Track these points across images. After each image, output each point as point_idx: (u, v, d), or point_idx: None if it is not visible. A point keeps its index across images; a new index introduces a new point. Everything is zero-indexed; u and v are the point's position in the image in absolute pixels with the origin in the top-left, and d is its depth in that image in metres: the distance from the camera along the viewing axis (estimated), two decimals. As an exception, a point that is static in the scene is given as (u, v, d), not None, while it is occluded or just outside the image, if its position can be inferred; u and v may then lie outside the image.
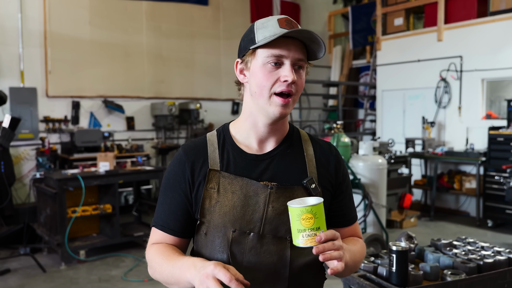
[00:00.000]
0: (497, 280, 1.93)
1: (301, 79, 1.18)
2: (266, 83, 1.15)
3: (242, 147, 1.24)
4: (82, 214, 4.94)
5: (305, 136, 1.32)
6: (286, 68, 1.14)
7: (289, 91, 1.15)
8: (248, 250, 1.17)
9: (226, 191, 1.19)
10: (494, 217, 6.21)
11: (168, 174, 1.27)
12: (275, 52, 1.14)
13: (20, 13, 6.64)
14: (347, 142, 5.19)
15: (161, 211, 1.26)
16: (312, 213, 1.03)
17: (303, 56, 1.17)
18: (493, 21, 6.74)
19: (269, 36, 1.13)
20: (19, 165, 6.58)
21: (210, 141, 1.26)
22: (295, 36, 1.15)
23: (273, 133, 1.24)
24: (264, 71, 1.15)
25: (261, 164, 1.22)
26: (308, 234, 1.03)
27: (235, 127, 1.28)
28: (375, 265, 2.00)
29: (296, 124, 8.96)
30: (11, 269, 4.62)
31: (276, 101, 1.15)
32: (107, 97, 7.48)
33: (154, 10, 8.05)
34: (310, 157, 1.27)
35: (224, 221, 1.17)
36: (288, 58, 1.14)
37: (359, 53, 10.16)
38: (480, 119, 6.95)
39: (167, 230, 1.24)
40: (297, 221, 1.04)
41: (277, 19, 1.17)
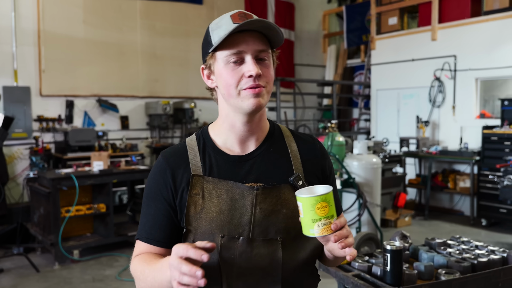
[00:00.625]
0: (491, 279, 1.94)
1: (267, 69, 1.13)
2: (232, 82, 1.11)
3: (224, 149, 1.20)
4: (76, 213, 4.91)
5: (286, 132, 1.28)
6: (248, 63, 1.10)
7: (257, 85, 1.10)
8: (238, 255, 1.13)
9: (211, 196, 1.15)
10: (488, 216, 6.25)
11: (149, 184, 1.22)
12: (233, 50, 1.10)
13: (14, 12, 6.59)
14: (341, 142, 5.19)
15: (145, 223, 1.21)
16: (326, 201, 1.01)
17: (264, 46, 1.13)
18: (486, 21, 6.78)
19: (224, 35, 1.09)
20: (12, 165, 6.53)
21: (190, 146, 1.21)
22: (250, 28, 1.10)
23: (253, 132, 1.20)
24: (227, 71, 1.12)
25: (245, 165, 1.18)
26: (323, 223, 1.02)
27: (214, 130, 1.24)
28: (370, 264, 2.01)
29: (290, 123, 8.98)
30: (4, 269, 4.59)
31: (246, 94, 1.11)
32: (101, 96, 7.44)
33: (149, 8, 8.02)
34: (294, 153, 1.23)
35: (211, 227, 1.13)
36: (248, 52, 1.10)
37: (353, 53, 10.19)
38: (474, 118, 6.98)
39: (152, 241, 1.19)
40: (311, 211, 1.02)
41: (230, 15, 1.13)
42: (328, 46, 10.40)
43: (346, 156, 5.22)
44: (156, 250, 1.20)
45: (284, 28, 9.98)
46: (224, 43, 1.10)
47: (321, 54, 10.61)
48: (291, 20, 10.18)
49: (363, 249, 4.40)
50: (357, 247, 4.31)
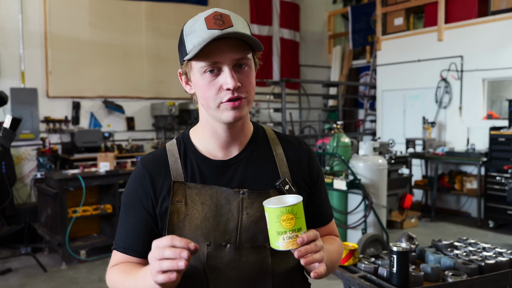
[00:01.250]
0: (498, 282, 1.93)
1: (247, 78, 1.06)
2: (209, 93, 1.05)
3: (206, 154, 1.14)
4: (83, 214, 4.94)
5: (271, 134, 1.22)
6: (226, 74, 1.03)
7: (237, 97, 1.04)
8: (226, 264, 1.08)
9: (195, 202, 1.09)
10: (496, 218, 6.20)
11: (128, 191, 1.16)
12: (208, 61, 1.03)
13: (21, 14, 6.65)
14: (347, 143, 5.18)
15: (122, 232, 1.15)
16: (293, 213, 0.94)
17: (243, 52, 1.04)
18: (493, 21, 6.74)
19: (198, 43, 1.01)
20: (20, 165, 6.58)
21: (170, 151, 1.16)
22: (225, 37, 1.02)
23: (235, 136, 1.14)
24: (204, 82, 1.05)
25: (228, 171, 1.13)
26: (289, 236, 0.95)
27: (195, 134, 1.18)
28: (376, 266, 2.00)
29: (296, 124, 8.97)
30: (12, 269, 4.63)
31: (225, 107, 1.05)
32: (107, 97, 7.48)
33: (153, 10, 8.05)
34: (280, 156, 1.17)
35: (196, 235, 1.07)
36: (225, 62, 1.03)
37: (359, 53, 10.16)
38: (481, 119, 6.94)
39: (129, 251, 1.13)
40: (276, 222, 0.95)
41: (205, 17, 1.04)
42: (334, 47, 10.39)
43: (351, 157, 5.20)
44: (133, 260, 1.14)
45: (289, 29, 9.98)
46: (199, 53, 1.02)
47: (326, 55, 10.60)
48: (296, 21, 10.18)
49: (369, 251, 4.39)
50: (363, 249, 4.30)
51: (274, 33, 9.74)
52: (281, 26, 9.82)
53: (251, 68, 1.08)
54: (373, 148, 5.30)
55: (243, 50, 1.05)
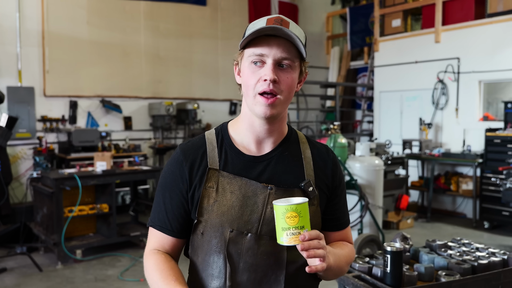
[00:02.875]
0: (491, 281, 1.94)
1: (287, 78, 1.15)
2: (250, 82, 1.15)
3: (240, 148, 1.23)
4: (79, 213, 4.93)
5: (303, 138, 1.31)
6: (267, 67, 1.13)
7: (271, 90, 1.13)
8: (245, 251, 1.16)
9: (225, 190, 1.18)
10: (491, 219, 6.23)
11: (165, 174, 1.25)
12: (256, 51, 1.13)
13: (18, 13, 6.63)
14: (344, 143, 5.20)
15: (158, 211, 1.25)
16: (296, 211, 1.03)
17: (289, 54, 1.14)
18: (490, 23, 6.77)
19: (249, 34, 1.13)
20: (16, 164, 6.56)
21: (209, 140, 1.25)
22: (277, 34, 1.13)
23: (271, 134, 1.22)
24: (249, 70, 1.15)
25: (259, 166, 1.21)
26: (292, 232, 1.04)
27: (234, 127, 1.27)
28: (370, 265, 2.01)
29: (293, 125, 8.98)
30: (8, 268, 4.62)
31: (259, 100, 1.14)
32: (105, 96, 7.47)
33: (152, 10, 8.05)
34: (307, 159, 1.26)
35: (221, 220, 1.17)
36: (269, 56, 1.13)
37: (357, 54, 10.18)
38: (477, 121, 6.97)
39: (165, 230, 1.23)
40: (281, 219, 1.04)
41: (268, 18, 1.16)
42: (332, 48, 10.40)
43: (348, 158, 5.22)
44: (167, 239, 1.24)
45: (287, 30, 9.96)
46: (252, 43, 1.14)
47: (325, 55, 10.61)
48: (295, 21, 10.17)
49: (364, 251, 4.40)
50: (359, 249, 4.32)
51: (272, 33, 9.73)
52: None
53: (294, 71, 1.17)
54: (370, 149, 5.32)
55: (290, 53, 1.15)
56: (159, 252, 1.23)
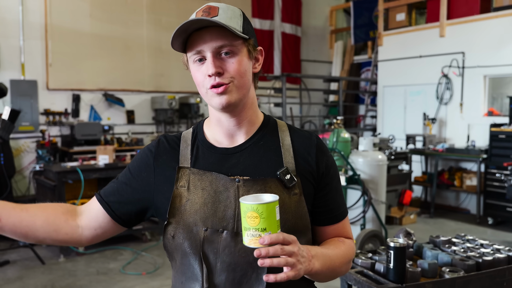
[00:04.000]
0: (495, 278, 1.92)
1: (232, 64, 1.08)
2: (199, 81, 1.12)
3: (212, 141, 1.19)
4: (81, 207, 4.94)
5: (283, 126, 1.23)
6: (207, 62, 1.08)
7: (218, 83, 1.08)
8: (221, 250, 1.09)
9: (196, 188, 1.13)
10: (495, 215, 6.20)
11: (138, 156, 1.23)
12: (193, 51, 1.10)
13: (21, 6, 6.61)
14: (347, 138, 5.17)
15: (110, 186, 1.22)
16: (257, 212, 0.93)
17: (225, 40, 1.07)
18: (496, 17, 6.70)
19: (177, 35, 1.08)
20: (19, 158, 6.57)
21: (184, 138, 1.22)
22: (201, 26, 1.07)
23: (240, 124, 1.17)
24: (194, 71, 1.13)
25: (232, 158, 1.16)
26: (252, 234, 0.94)
27: (207, 123, 1.24)
28: (373, 261, 1.99)
29: (296, 119, 8.96)
30: (10, 261, 4.64)
31: (211, 94, 1.10)
32: (108, 90, 7.46)
33: (155, 3, 8.01)
34: (286, 146, 1.17)
35: (195, 219, 1.10)
36: (206, 50, 1.08)
37: (360, 49, 10.12)
38: (481, 116, 6.92)
39: (103, 203, 1.19)
40: (243, 218, 0.95)
41: (196, 12, 1.11)
42: (335, 42, 10.34)
43: (351, 153, 5.19)
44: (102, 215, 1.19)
45: (290, 24, 9.93)
46: (188, 44, 1.11)
47: (328, 50, 10.56)
48: (298, 16, 10.13)
49: (367, 246, 4.39)
50: (362, 244, 4.30)
51: (275, 27, 9.69)
52: (282, 21, 9.77)
53: (238, 54, 1.10)
54: (373, 144, 5.29)
55: (226, 38, 1.08)
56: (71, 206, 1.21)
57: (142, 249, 5.00)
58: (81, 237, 1.19)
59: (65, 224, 1.17)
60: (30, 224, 1.14)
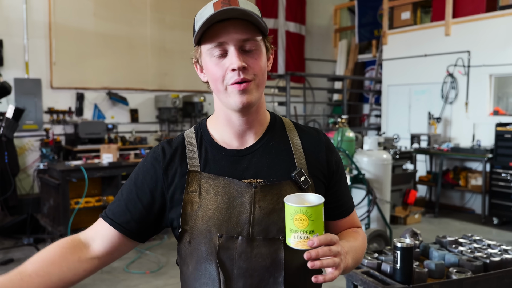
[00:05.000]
0: (503, 279, 1.90)
1: (255, 60, 1.04)
2: (217, 76, 1.04)
3: (221, 143, 1.13)
4: (85, 205, 4.94)
5: (289, 124, 1.20)
6: (231, 55, 1.02)
7: (243, 79, 1.02)
8: (238, 256, 1.06)
9: (208, 193, 1.08)
10: (500, 215, 6.16)
11: (139, 169, 1.15)
12: (214, 42, 1.03)
13: (25, 4, 6.62)
14: (351, 137, 5.14)
15: (117, 205, 1.13)
16: (307, 214, 0.92)
17: (249, 34, 1.03)
18: (502, 16, 6.65)
19: (200, 26, 1.02)
20: (23, 156, 6.58)
21: (188, 140, 1.15)
22: (230, 16, 1.01)
23: (251, 125, 1.12)
24: (212, 65, 1.05)
25: (243, 160, 1.11)
26: (300, 236, 0.93)
27: (212, 123, 1.17)
28: (379, 261, 1.97)
29: (300, 118, 8.93)
30: (15, 259, 4.64)
31: (232, 90, 1.04)
32: (111, 89, 7.46)
33: (159, 2, 8.01)
34: (297, 147, 1.15)
35: (208, 226, 1.06)
36: (230, 43, 1.02)
37: (365, 47, 10.08)
38: (487, 115, 6.87)
39: (114, 224, 1.11)
40: (290, 220, 0.94)
41: (213, 3, 1.03)
42: (339, 41, 10.30)
43: (356, 152, 5.17)
44: (115, 234, 1.12)
45: (295, 22, 9.90)
46: (206, 36, 1.03)
47: (332, 48, 10.52)
48: (302, 14, 10.09)
49: (372, 246, 4.36)
50: (366, 244, 4.27)
51: (279, 26, 9.67)
52: (286, 19, 9.74)
53: (260, 50, 1.06)
54: (378, 143, 5.26)
55: (250, 32, 1.03)
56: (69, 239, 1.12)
57: (146, 248, 5.00)
58: (98, 266, 1.14)
59: (80, 264, 1.10)
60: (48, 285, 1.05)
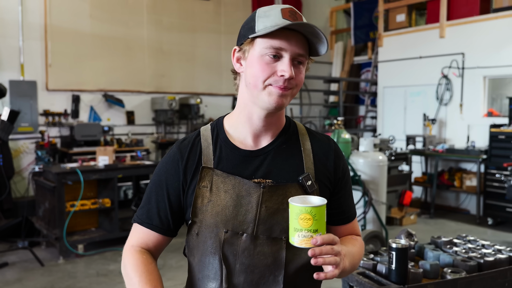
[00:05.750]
0: (497, 279, 1.91)
1: (300, 74, 1.12)
2: (262, 74, 1.09)
3: (236, 143, 1.19)
4: (81, 208, 4.92)
5: (302, 129, 1.26)
6: (285, 62, 1.08)
7: (285, 87, 1.10)
8: (241, 252, 1.12)
9: (219, 190, 1.14)
10: (495, 215, 6.20)
11: (160, 171, 1.22)
12: (274, 44, 1.08)
13: (21, 6, 6.60)
14: (347, 139, 5.16)
15: (148, 209, 1.21)
16: (311, 214, 0.98)
17: (304, 51, 1.11)
18: (496, 18, 6.70)
19: (270, 26, 1.07)
20: (18, 159, 6.56)
21: (204, 136, 1.21)
22: (297, 29, 1.09)
23: (269, 127, 1.18)
24: (261, 62, 1.09)
25: (255, 161, 1.17)
26: (304, 234, 0.99)
27: (229, 121, 1.22)
28: (375, 262, 1.99)
29: (296, 120, 8.94)
30: (9, 263, 4.62)
31: (272, 90, 1.10)
32: (108, 91, 7.45)
33: (155, 3, 8.01)
34: (307, 152, 1.21)
35: (216, 221, 1.13)
36: (288, 51, 1.08)
37: (360, 50, 10.11)
38: (481, 117, 6.92)
39: (154, 228, 1.20)
40: (295, 219, 1.00)
41: (281, 8, 1.10)
42: (335, 43, 10.34)
43: (352, 153, 5.19)
44: (152, 235, 1.20)
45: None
46: (266, 35, 1.09)
47: (328, 50, 10.54)
48: (298, 17, 10.11)
49: (368, 247, 4.38)
50: (362, 245, 4.29)
51: (275, 28, 9.68)
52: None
53: (304, 67, 1.14)
54: (374, 145, 5.28)
55: (305, 49, 1.12)
56: (141, 251, 1.20)
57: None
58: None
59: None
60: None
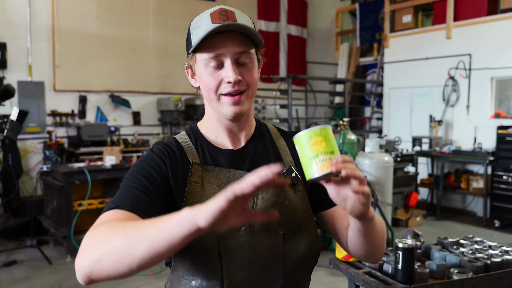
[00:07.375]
0: (504, 280, 1.91)
1: (249, 73, 1.09)
2: (211, 86, 1.08)
3: (216, 144, 1.18)
4: (88, 207, 4.96)
5: (273, 129, 1.28)
6: (227, 68, 1.06)
7: (236, 90, 1.07)
8: (240, 246, 1.08)
9: (211, 184, 1.11)
10: (502, 218, 6.16)
11: (141, 164, 1.10)
12: (211, 54, 1.06)
13: (29, 8, 6.67)
14: (353, 140, 5.16)
15: (127, 195, 1.03)
16: (322, 135, 0.93)
17: (245, 46, 1.07)
18: (503, 19, 6.67)
19: (202, 36, 1.04)
20: (26, 158, 6.62)
21: (182, 140, 1.18)
22: (228, 29, 1.05)
23: (242, 127, 1.18)
24: (207, 74, 1.08)
25: (239, 160, 1.17)
26: (321, 159, 0.92)
27: (203, 127, 1.21)
28: (381, 262, 1.99)
29: (301, 121, 8.95)
30: (18, 261, 4.66)
31: (225, 101, 1.09)
32: (114, 91, 7.50)
33: (161, 5, 8.05)
34: (283, 147, 1.22)
35: None
36: (227, 55, 1.06)
37: (366, 51, 10.11)
38: (488, 118, 6.88)
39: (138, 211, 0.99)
40: (307, 149, 0.94)
41: (210, 13, 1.08)
42: (341, 44, 10.34)
43: (357, 155, 5.18)
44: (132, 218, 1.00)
45: (296, 26, 9.95)
46: (202, 45, 1.06)
47: (334, 52, 10.55)
48: (304, 18, 10.14)
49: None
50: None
51: (281, 29, 9.71)
52: (288, 23, 9.78)
53: (253, 63, 1.11)
54: (379, 146, 5.28)
55: (246, 45, 1.08)
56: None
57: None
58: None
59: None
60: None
